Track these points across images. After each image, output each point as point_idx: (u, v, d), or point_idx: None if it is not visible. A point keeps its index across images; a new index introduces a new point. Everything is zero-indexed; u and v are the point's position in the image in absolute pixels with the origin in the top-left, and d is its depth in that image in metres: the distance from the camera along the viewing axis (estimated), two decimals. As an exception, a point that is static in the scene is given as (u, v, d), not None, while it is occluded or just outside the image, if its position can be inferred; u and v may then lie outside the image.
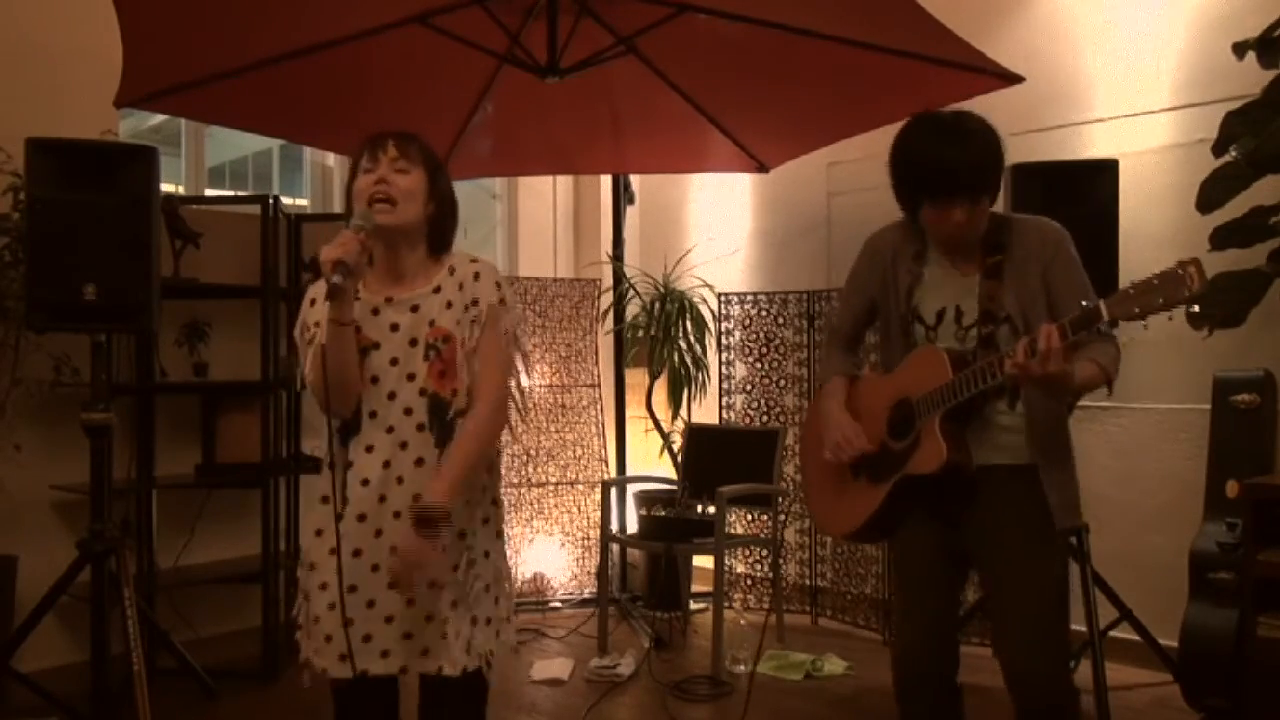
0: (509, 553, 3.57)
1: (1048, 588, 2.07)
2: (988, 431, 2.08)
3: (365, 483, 1.88)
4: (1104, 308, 1.78)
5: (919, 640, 2.19)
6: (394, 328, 1.90)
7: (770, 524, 4.32)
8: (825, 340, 2.47)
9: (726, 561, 4.46)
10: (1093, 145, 3.83)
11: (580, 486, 4.84)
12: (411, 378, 1.89)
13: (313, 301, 1.95)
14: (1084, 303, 1.82)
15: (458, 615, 1.90)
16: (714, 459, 4.32)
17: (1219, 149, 3.06)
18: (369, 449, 1.89)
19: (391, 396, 1.88)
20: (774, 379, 4.57)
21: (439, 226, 1.97)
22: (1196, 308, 1.78)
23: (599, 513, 4.42)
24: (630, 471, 5.06)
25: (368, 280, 1.94)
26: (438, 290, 1.93)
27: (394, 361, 1.89)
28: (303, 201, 4.82)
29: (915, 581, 2.22)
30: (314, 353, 1.86)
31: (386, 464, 1.88)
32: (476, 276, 1.96)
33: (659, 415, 4.90)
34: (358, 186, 1.90)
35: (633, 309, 5.05)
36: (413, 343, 1.90)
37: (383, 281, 1.95)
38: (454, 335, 1.91)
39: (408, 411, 1.89)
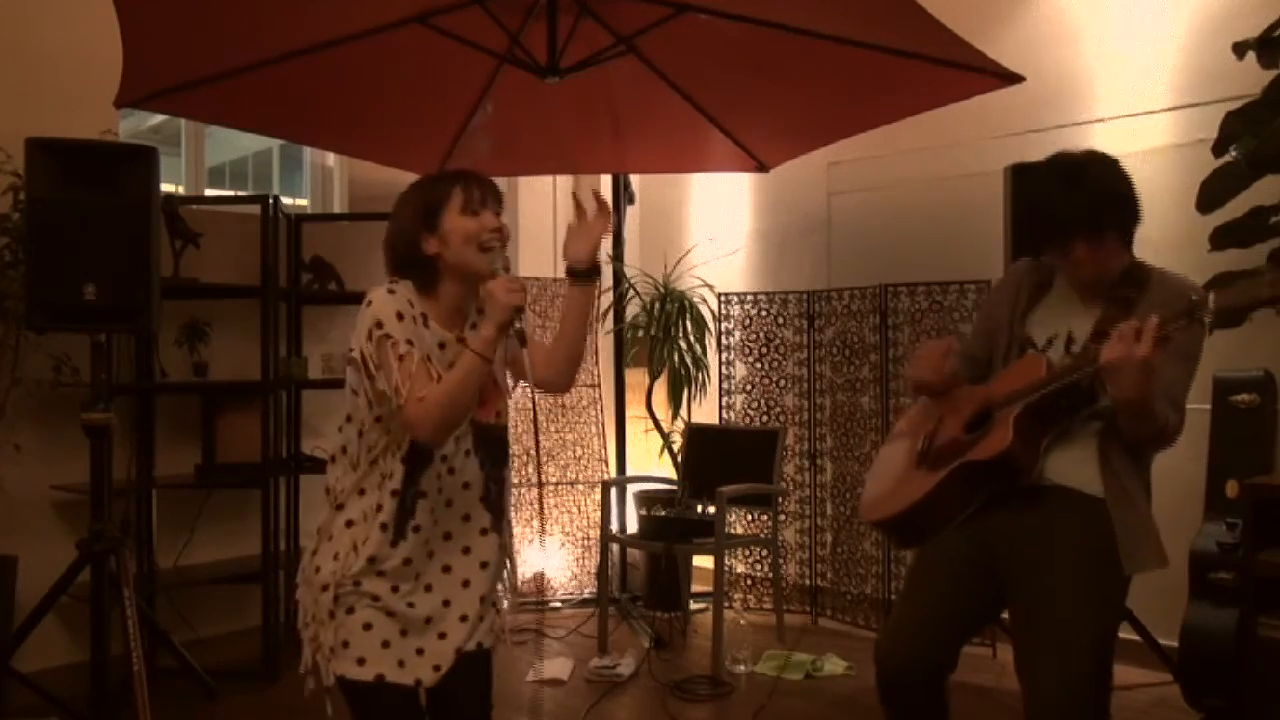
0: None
1: (1089, 636, 1.95)
2: (1069, 452, 2.02)
3: (432, 511, 1.91)
4: (1210, 297, 1.75)
5: (901, 642, 2.12)
6: (451, 365, 1.91)
7: (770, 524, 4.32)
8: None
9: (726, 561, 4.46)
10: (1093, 145, 3.80)
11: (580, 486, 4.84)
12: None
13: (400, 316, 1.88)
14: (1192, 295, 1.80)
15: (487, 601, 1.99)
16: (714, 459, 4.32)
17: (1219, 149, 3.06)
18: (438, 476, 1.92)
19: None
20: (774, 379, 4.57)
21: None
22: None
23: (599, 513, 4.42)
24: (630, 471, 5.06)
25: (435, 311, 1.93)
26: (474, 326, 1.97)
27: None
28: (303, 201, 4.82)
29: (920, 584, 2.17)
30: (429, 375, 1.84)
31: (440, 489, 1.92)
32: None
33: (659, 415, 4.90)
34: (466, 228, 1.88)
35: (633, 309, 5.05)
36: None
37: (451, 317, 1.95)
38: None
39: (456, 438, 1.92)
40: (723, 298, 4.69)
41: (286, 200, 4.22)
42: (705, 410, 4.89)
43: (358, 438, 1.91)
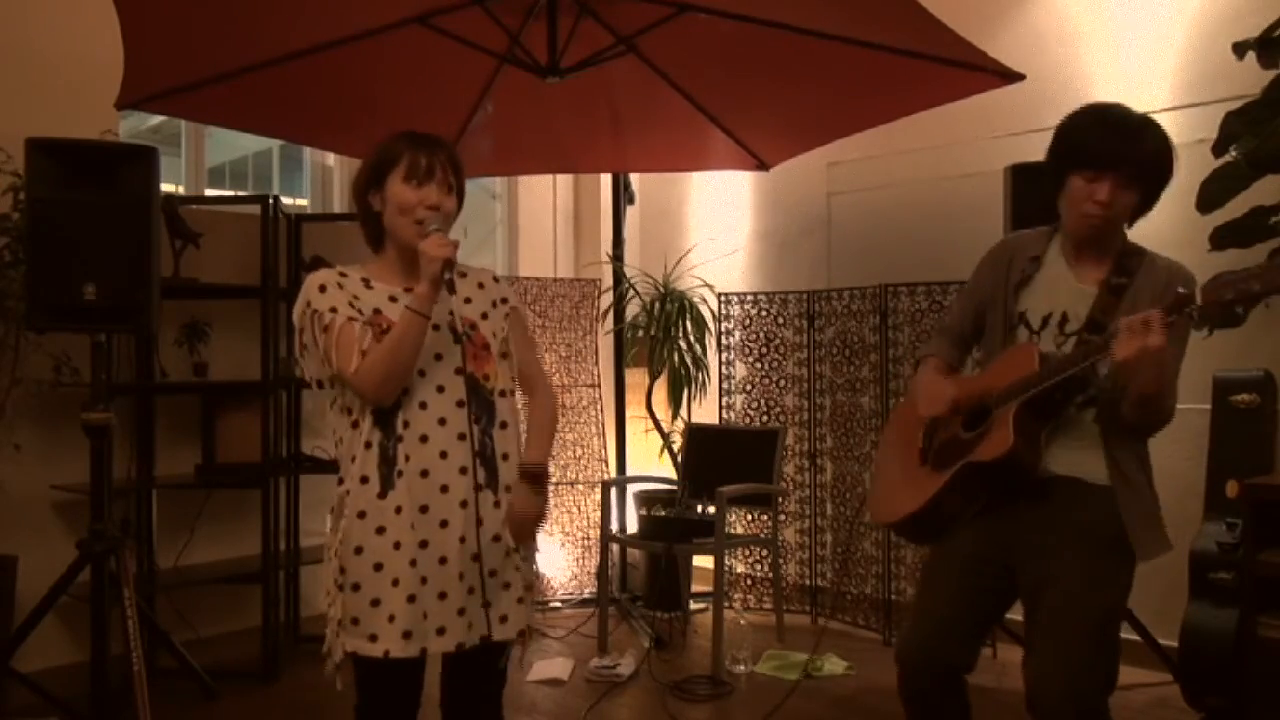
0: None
1: (1092, 616, 1.98)
2: (1068, 442, 2.03)
3: (407, 458, 1.91)
4: (1198, 292, 1.77)
5: (920, 640, 2.14)
6: None
7: (770, 524, 4.32)
8: (933, 333, 2.43)
9: (726, 561, 4.46)
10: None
11: (580, 486, 4.83)
12: (440, 358, 1.96)
13: (323, 288, 1.95)
14: (1179, 289, 1.81)
15: (510, 589, 2.01)
16: (714, 459, 4.32)
17: (1219, 149, 3.06)
18: (406, 424, 1.92)
19: (422, 374, 1.94)
20: (774, 379, 4.57)
21: None
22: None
23: (599, 513, 4.42)
24: (630, 471, 5.06)
25: (380, 272, 2.01)
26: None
27: None
28: (303, 201, 4.82)
29: (937, 580, 2.17)
30: (369, 336, 1.90)
31: (424, 438, 1.92)
32: (496, 280, 2.14)
33: (659, 415, 4.90)
34: (404, 199, 1.93)
35: (633, 309, 5.05)
36: (435, 327, 1.96)
37: (396, 275, 2.01)
38: (479, 325, 2.03)
39: (441, 389, 1.94)
40: (723, 298, 4.69)
41: (286, 200, 4.22)
42: (705, 410, 4.89)
43: (340, 414, 1.97)
